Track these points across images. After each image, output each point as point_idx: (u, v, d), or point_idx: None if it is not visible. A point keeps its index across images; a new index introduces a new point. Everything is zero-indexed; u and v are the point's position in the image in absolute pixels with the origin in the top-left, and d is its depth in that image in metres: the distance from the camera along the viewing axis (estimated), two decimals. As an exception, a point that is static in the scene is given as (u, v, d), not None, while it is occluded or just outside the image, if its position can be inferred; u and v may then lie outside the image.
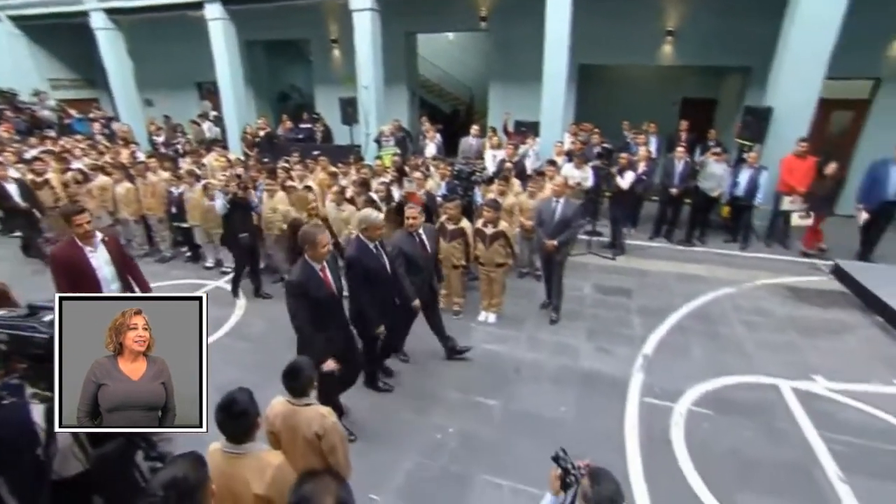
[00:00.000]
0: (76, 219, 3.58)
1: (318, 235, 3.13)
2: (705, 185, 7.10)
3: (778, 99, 7.35)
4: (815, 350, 4.85)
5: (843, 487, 3.27)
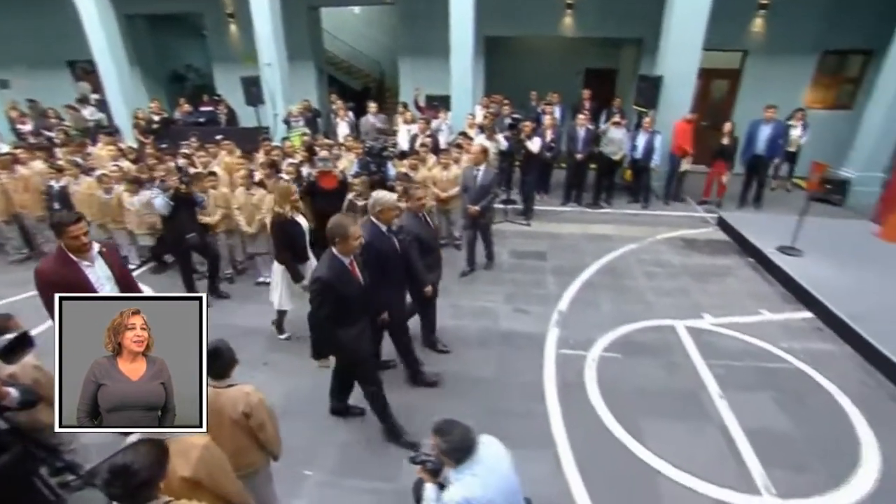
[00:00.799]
0: (71, 229, 2.91)
1: (350, 227, 2.91)
2: (607, 150, 7.70)
3: (666, 68, 8.07)
4: (704, 292, 5.55)
5: (722, 402, 3.86)
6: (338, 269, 2.93)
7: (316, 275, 2.93)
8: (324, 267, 2.93)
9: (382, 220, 3.48)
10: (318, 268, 2.98)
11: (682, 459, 3.32)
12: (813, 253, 6.05)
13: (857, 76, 9.86)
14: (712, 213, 7.93)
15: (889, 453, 3.39)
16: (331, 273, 2.89)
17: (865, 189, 8.14)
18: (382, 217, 3.47)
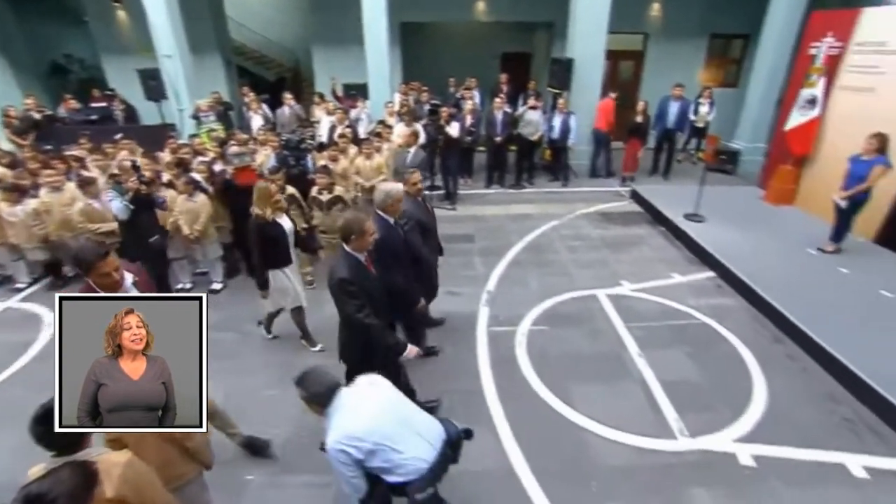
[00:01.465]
0: (100, 266, 2.41)
1: (366, 223, 2.83)
2: (525, 132, 7.98)
3: (576, 51, 8.46)
4: (621, 261, 5.96)
5: (641, 361, 4.20)
6: (355, 266, 2.85)
7: (337, 276, 2.79)
8: (340, 266, 2.82)
9: (390, 213, 3.38)
10: (335, 268, 2.84)
11: (608, 416, 3.59)
12: (713, 218, 6.68)
13: (740, 57, 10.93)
14: (626, 187, 8.49)
15: (773, 386, 3.89)
16: (350, 271, 2.80)
17: (752, 158, 9.10)
18: (391, 210, 3.37)
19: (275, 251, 3.96)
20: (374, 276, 2.97)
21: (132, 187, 4.63)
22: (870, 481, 3.12)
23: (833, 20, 6.60)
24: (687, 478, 3.12)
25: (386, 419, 2.18)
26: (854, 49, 6.29)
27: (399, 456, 2.15)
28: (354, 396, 2.22)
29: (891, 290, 4.91)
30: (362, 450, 2.09)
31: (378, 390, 2.30)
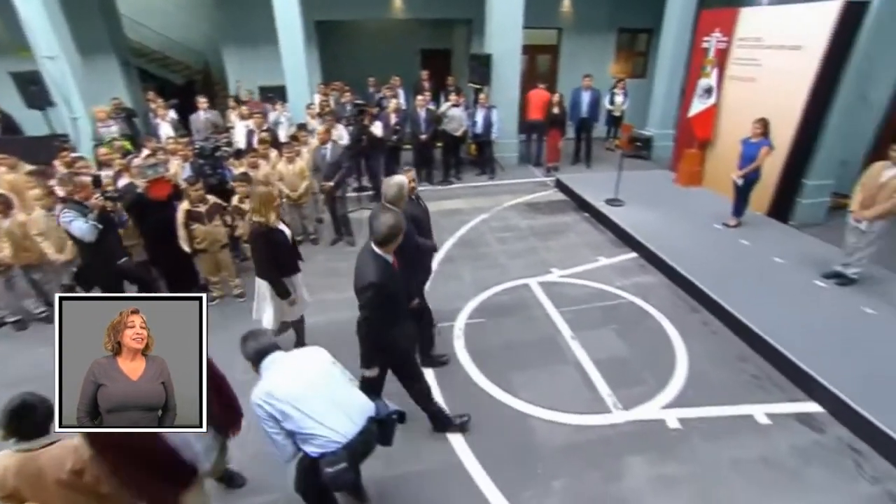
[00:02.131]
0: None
1: (403, 224, 2.85)
2: (449, 128, 8.07)
3: (494, 46, 8.68)
4: (550, 249, 6.21)
5: (574, 343, 4.41)
6: (385, 269, 2.81)
7: (368, 280, 2.73)
8: (372, 269, 2.75)
9: (401, 207, 3.36)
10: (368, 272, 2.75)
11: (548, 400, 3.74)
12: (632, 202, 7.14)
13: (646, 50, 11.74)
14: (551, 176, 8.86)
15: (692, 353, 4.25)
16: (382, 274, 2.76)
17: (663, 144, 9.82)
18: (401, 205, 3.36)
19: (279, 259, 3.73)
20: (399, 276, 2.95)
21: (97, 205, 4.21)
22: (772, 426, 3.52)
23: (719, 18, 7.28)
24: (623, 448, 3.34)
25: (305, 386, 2.24)
26: (737, 44, 6.98)
27: (312, 424, 2.18)
28: (288, 360, 2.32)
29: (782, 257, 5.51)
30: (276, 408, 2.15)
31: (311, 361, 2.38)
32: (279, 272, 3.73)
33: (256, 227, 3.57)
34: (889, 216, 4.51)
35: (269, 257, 3.64)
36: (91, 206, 4.22)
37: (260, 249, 3.63)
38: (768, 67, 6.50)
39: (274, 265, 3.69)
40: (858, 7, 5.69)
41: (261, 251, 3.63)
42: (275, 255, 3.66)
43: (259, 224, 3.57)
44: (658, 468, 3.19)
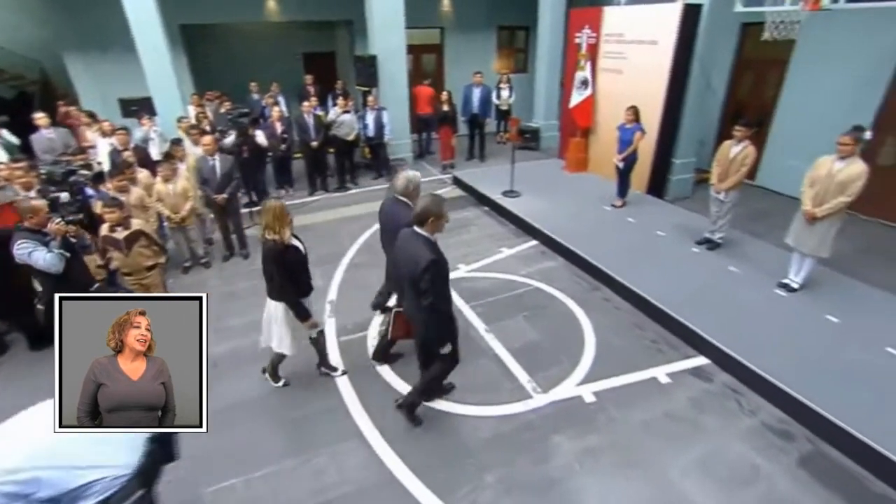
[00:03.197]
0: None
1: (444, 206, 3.00)
2: (340, 133, 7.87)
3: (378, 47, 8.62)
4: (454, 245, 6.31)
5: (489, 336, 4.53)
6: (434, 246, 2.92)
7: (427, 259, 2.82)
8: (425, 249, 2.86)
9: (412, 198, 3.64)
10: (420, 253, 2.85)
11: (471, 395, 3.79)
12: (527, 192, 7.51)
13: (525, 47, 12.44)
14: (448, 174, 9.03)
15: (597, 328, 4.58)
16: (435, 250, 2.88)
17: (550, 134, 10.49)
18: (413, 195, 3.65)
19: (301, 277, 3.49)
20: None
21: (60, 230, 3.75)
22: (672, 384, 3.90)
23: (586, 15, 7.93)
24: (547, 429, 3.49)
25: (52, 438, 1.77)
26: (605, 39, 7.66)
27: (82, 472, 1.81)
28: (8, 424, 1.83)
29: (663, 230, 6.15)
30: (21, 482, 1.68)
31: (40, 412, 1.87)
32: (297, 293, 3.47)
33: (271, 245, 3.26)
34: (739, 186, 5.24)
35: (287, 278, 3.37)
36: (51, 233, 3.75)
37: (275, 270, 3.32)
38: (632, 60, 7.22)
39: (291, 286, 3.42)
40: (695, 8, 6.54)
41: (276, 272, 3.32)
42: (292, 275, 3.40)
43: (273, 242, 3.26)
44: (581, 442, 3.38)
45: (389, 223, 3.85)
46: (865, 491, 3.04)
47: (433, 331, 3.09)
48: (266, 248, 3.30)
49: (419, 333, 3.33)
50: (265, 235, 3.27)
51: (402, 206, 3.77)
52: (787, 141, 7.59)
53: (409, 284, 3.00)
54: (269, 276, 3.39)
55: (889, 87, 6.43)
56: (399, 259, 3.09)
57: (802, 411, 3.48)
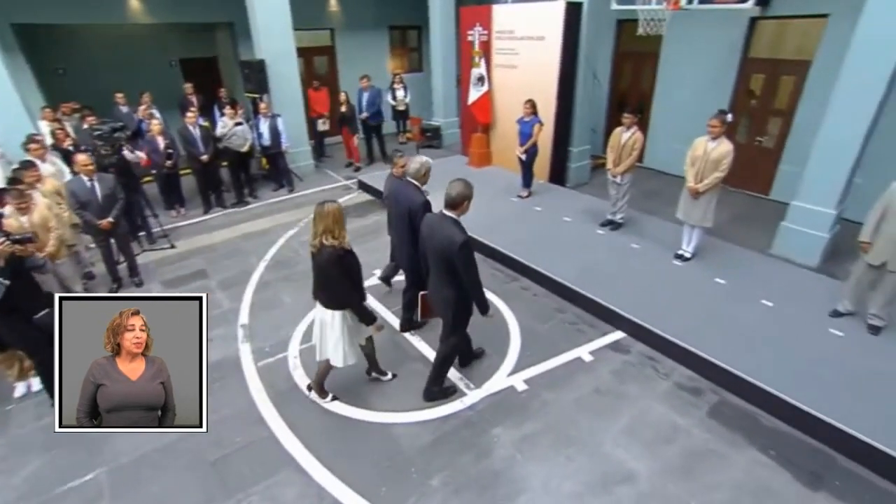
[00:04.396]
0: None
1: (472, 190, 3.25)
2: (233, 144, 7.36)
3: (266, 51, 8.18)
4: (368, 251, 6.09)
5: (415, 338, 4.49)
6: (463, 228, 3.17)
7: (461, 238, 3.08)
8: (457, 230, 3.13)
9: (423, 182, 4.03)
10: (453, 233, 3.11)
11: (405, 403, 3.73)
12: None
13: (418, 46, 12.55)
14: (353, 178, 8.85)
15: (520, 318, 4.73)
16: (465, 232, 3.14)
17: (450, 131, 10.71)
18: (423, 179, 4.03)
19: (360, 281, 3.39)
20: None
21: (2, 251, 3.32)
22: (594, 360, 4.16)
23: (477, 13, 8.18)
24: (486, 423, 3.53)
25: None
26: (496, 36, 7.96)
27: None
28: None
29: (568, 216, 6.53)
30: None
31: None
32: (361, 297, 3.41)
33: (330, 251, 3.10)
34: (633, 169, 5.71)
35: (350, 283, 3.28)
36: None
37: (337, 276, 3.18)
38: (525, 56, 7.57)
39: (354, 291, 3.33)
40: (576, 6, 7.03)
41: (339, 278, 3.19)
42: (354, 280, 3.30)
43: (332, 248, 3.10)
44: (519, 431, 3.47)
45: (399, 204, 4.06)
46: (759, 426, 3.49)
47: (478, 299, 3.36)
48: (325, 255, 3.13)
49: (441, 309, 3.52)
50: (322, 241, 3.12)
51: (413, 188, 4.02)
52: (666, 125, 8.44)
53: (440, 262, 3.25)
54: (325, 284, 3.28)
55: (738, 74, 7.40)
56: (430, 240, 3.31)
57: (706, 367, 3.88)
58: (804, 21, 6.73)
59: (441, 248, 3.17)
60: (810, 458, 3.23)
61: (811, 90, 6.66)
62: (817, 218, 5.35)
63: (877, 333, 4.12)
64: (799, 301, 4.56)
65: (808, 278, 5.07)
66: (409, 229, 3.99)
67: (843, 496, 2.99)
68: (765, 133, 7.40)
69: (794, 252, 5.51)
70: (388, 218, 4.45)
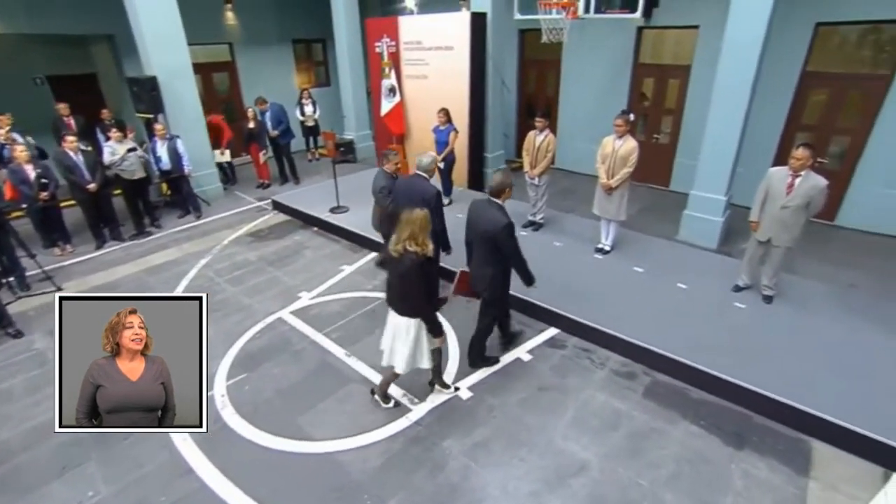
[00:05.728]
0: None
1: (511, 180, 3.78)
2: (127, 170, 6.69)
3: (157, 67, 7.55)
4: (291, 274, 5.90)
5: (350, 359, 4.33)
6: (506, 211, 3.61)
7: (505, 221, 3.52)
8: (501, 214, 3.57)
9: (430, 175, 4.67)
10: (498, 217, 3.54)
11: (347, 427, 3.56)
12: (355, 205, 7.41)
13: (324, 59, 12.31)
14: (265, 199, 8.43)
15: (456, 325, 4.72)
16: (509, 216, 3.55)
17: (364, 145, 10.60)
18: (431, 172, 4.67)
19: (435, 291, 3.45)
20: None
21: None
22: (533, 359, 4.27)
23: (383, 25, 8.20)
24: (435, 437, 3.47)
25: None
26: (404, 47, 8.01)
27: None
28: None
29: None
30: None
31: None
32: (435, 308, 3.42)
33: (413, 258, 3.11)
34: (549, 170, 5.98)
35: (426, 290, 3.25)
36: None
37: (418, 284, 3.18)
38: (435, 66, 7.69)
39: (429, 299, 3.32)
40: (481, 16, 7.28)
41: (419, 286, 3.20)
42: (429, 288, 3.32)
43: (415, 254, 3.11)
44: (470, 439, 3.44)
45: (413, 193, 4.44)
46: (689, 399, 3.77)
47: (523, 273, 3.78)
48: (407, 262, 3.13)
49: (481, 284, 3.83)
50: (406, 247, 3.11)
51: (423, 179, 4.58)
52: (572, 127, 8.97)
53: (484, 242, 3.68)
54: (403, 290, 3.26)
55: (631, 78, 8.08)
56: (475, 223, 3.76)
57: (636, 351, 4.13)
58: (681, 31, 7.51)
59: (486, 229, 3.59)
60: (732, 422, 3.55)
61: (694, 91, 7.43)
62: (712, 205, 5.94)
63: (769, 302, 4.64)
64: (707, 281, 5.01)
65: (711, 259, 5.60)
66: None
67: (761, 450, 3.32)
68: (659, 131, 8.12)
69: (696, 237, 6.07)
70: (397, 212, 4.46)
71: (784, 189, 4.22)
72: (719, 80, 5.55)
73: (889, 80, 6.00)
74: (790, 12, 6.04)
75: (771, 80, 6.24)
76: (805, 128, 6.74)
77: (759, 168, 5.23)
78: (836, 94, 6.48)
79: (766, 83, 5.93)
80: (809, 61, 6.51)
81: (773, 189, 4.33)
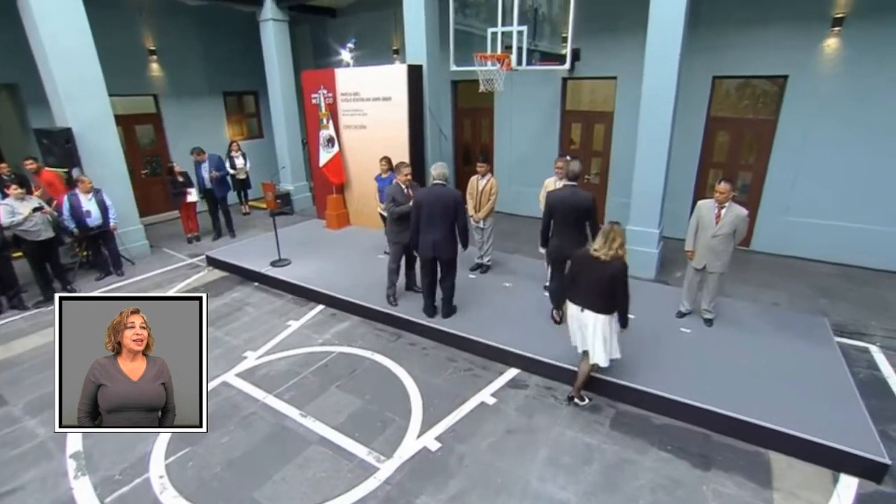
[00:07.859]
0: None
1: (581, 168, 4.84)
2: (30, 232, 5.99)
3: (71, 118, 7.08)
4: (233, 333, 5.51)
5: (308, 420, 4.04)
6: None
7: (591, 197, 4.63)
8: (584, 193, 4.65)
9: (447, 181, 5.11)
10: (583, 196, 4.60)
11: (310, 496, 3.27)
12: (296, 257, 7.17)
13: (256, 111, 12.14)
14: (198, 256, 7.95)
15: (414, 375, 4.60)
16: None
17: (302, 196, 10.42)
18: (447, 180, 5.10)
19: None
20: None
21: None
22: (498, 402, 4.20)
23: (320, 77, 8.28)
24: (408, 495, 3.26)
25: None
26: (342, 98, 8.11)
27: None
28: None
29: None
30: None
31: None
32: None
33: (618, 263, 3.63)
34: (492, 214, 6.13)
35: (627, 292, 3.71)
36: None
37: (623, 282, 3.63)
38: (373, 116, 7.82)
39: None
40: (417, 68, 7.56)
41: (623, 284, 3.64)
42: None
43: (622, 259, 3.64)
44: (444, 493, 3.27)
45: (437, 201, 4.86)
46: (653, 426, 3.86)
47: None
48: (616, 266, 3.61)
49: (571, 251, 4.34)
50: (618, 252, 3.61)
51: (442, 186, 4.96)
52: (508, 171, 9.36)
53: (574, 217, 4.61)
54: (606, 290, 3.64)
55: (560, 124, 8.64)
56: (563, 202, 4.61)
57: (596, 384, 4.18)
58: (601, 81, 8.20)
59: (577, 204, 4.55)
60: (695, 443, 3.65)
61: (618, 134, 8.06)
62: (647, 238, 6.33)
63: (711, 325, 4.95)
64: (651, 309, 5.25)
65: (651, 289, 5.91)
66: (453, 219, 4.89)
67: (726, 468, 3.43)
68: (590, 171, 8.66)
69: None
70: (422, 218, 4.94)
71: (713, 219, 4.61)
72: (642, 125, 6.06)
73: (774, 123, 6.91)
74: (693, 66, 6.80)
75: (685, 123, 6.94)
76: (716, 165, 7.49)
77: (681, 202, 5.72)
78: (735, 136, 7.33)
79: (682, 126, 6.58)
80: (712, 108, 7.34)
81: (703, 220, 4.71)
